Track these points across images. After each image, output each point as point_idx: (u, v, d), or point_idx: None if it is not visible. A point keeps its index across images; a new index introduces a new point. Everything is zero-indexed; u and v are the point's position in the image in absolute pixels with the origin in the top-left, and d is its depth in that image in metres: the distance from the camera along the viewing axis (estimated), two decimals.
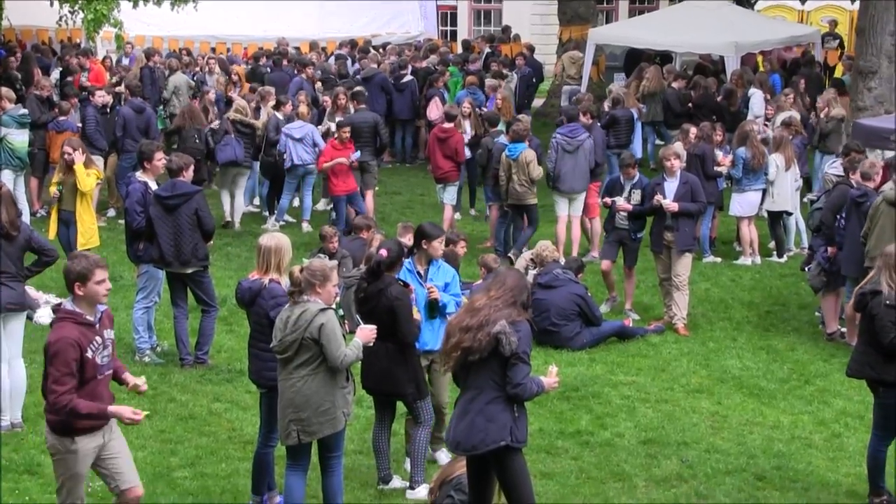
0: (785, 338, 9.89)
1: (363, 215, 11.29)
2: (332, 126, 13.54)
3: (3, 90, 12.63)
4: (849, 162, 10.00)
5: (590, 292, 9.83)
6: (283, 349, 5.89)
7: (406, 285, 6.67)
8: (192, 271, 8.67)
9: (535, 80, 19.10)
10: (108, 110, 13.54)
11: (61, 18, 16.42)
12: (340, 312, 8.90)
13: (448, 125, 12.79)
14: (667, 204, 9.72)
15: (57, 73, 17.32)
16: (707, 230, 12.24)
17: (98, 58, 18.58)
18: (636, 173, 10.24)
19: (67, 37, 20.51)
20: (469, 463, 5.63)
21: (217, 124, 13.17)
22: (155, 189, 8.75)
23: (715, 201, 12.14)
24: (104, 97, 13.61)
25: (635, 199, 10.07)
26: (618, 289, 10.62)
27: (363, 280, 6.71)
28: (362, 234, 10.28)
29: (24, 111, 12.66)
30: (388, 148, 15.58)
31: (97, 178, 10.22)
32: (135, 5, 16.76)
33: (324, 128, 13.66)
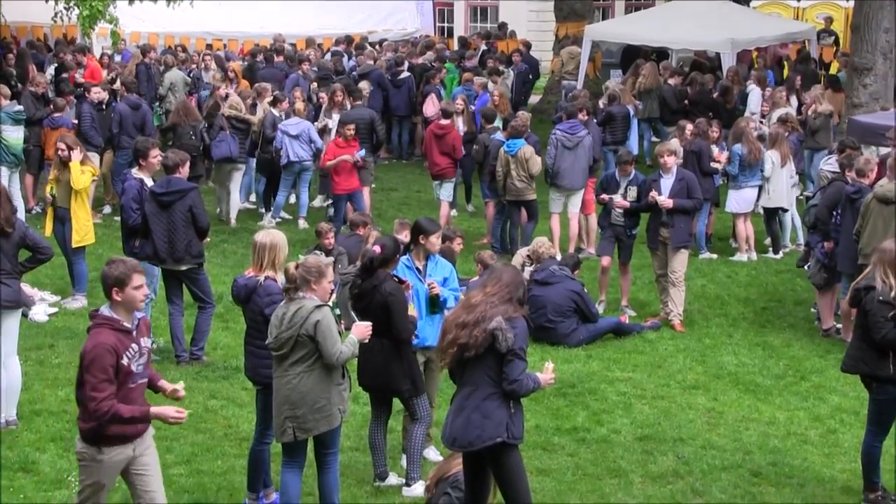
0: (781, 334, 9.90)
1: (360, 212, 11.27)
2: (330, 123, 13.54)
3: None
4: (844, 158, 10.01)
5: (586, 289, 9.83)
6: (278, 346, 5.88)
7: (401, 281, 6.67)
8: (186, 268, 8.66)
9: (531, 77, 19.11)
10: (103, 107, 13.52)
11: (56, 15, 16.38)
12: (337, 311, 8.94)
13: (445, 122, 12.78)
14: (662, 200, 9.72)
15: (52, 70, 17.28)
16: (703, 227, 12.26)
17: (95, 55, 18.56)
18: (632, 170, 10.25)
19: (63, 33, 20.45)
20: (465, 459, 5.63)
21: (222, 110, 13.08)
22: (150, 185, 8.74)
23: (711, 198, 12.16)
24: (100, 94, 13.59)
25: (631, 195, 10.08)
26: (613, 285, 10.62)
27: (357, 276, 6.71)
28: (359, 231, 10.27)
29: (20, 108, 12.63)
30: (384, 144, 15.57)
31: (92, 175, 10.21)
32: (130, 2, 16.71)
33: (320, 124, 13.66)
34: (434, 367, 6.93)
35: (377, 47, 19.90)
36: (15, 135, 12.37)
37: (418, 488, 6.55)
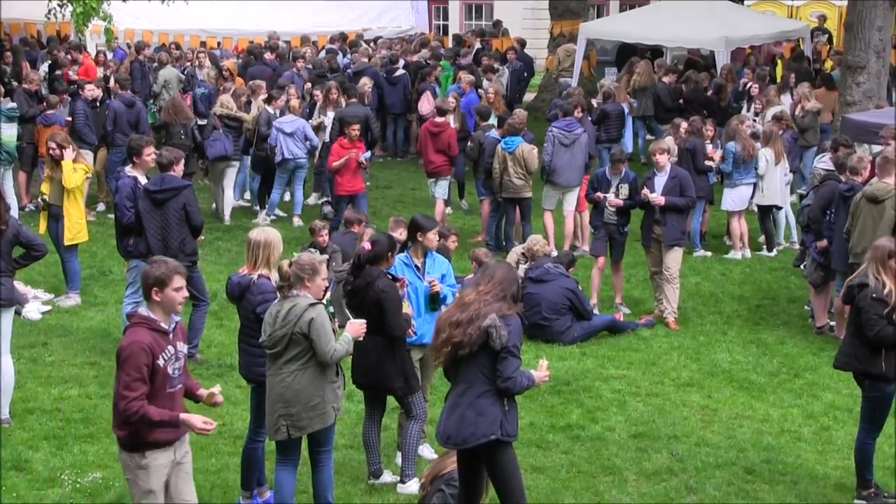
0: (775, 331, 9.92)
1: (355, 209, 11.25)
2: (325, 120, 13.52)
3: None
4: (838, 157, 10.03)
5: (581, 286, 9.84)
6: (272, 344, 5.87)
7: (396, 279, 6.66)
8: None
9: (526, 75, 19.10)
10: (97, 104, 13.49)
11: (50, 12, 16.32)
12: (331, 309, 8.93)
13: (440, 119, 12.78)
14: (653, 198, 9.75)
15: (45, 67, 17.23)
16: (698, 224, 12.27)
17: (90, 52, 18.51)
18: (623, 168, 10.26)
19: (56, 30, 20.38)
20: (459, 457, 5.62)
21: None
22: (144, 183, 8.72)
23: (705, 195, 12.17)
24: (94, 91, 13.54)
25: (623, 193, 10.09)
26: (606, 283, 10.63)
27: (350, 274, 6.70)
28: (353, 229, 10.26)
29: (13, 105, 12.60)
30: (379, 142, 15.56)
31: (85, 173, 10.18)
32: None
33: (315, 122, 13.64)
34: (429, 365, 6.92)
35: (372, 45, 19.88)
36: (8, 132, 12.34)
37: (413, 485, 6.55)
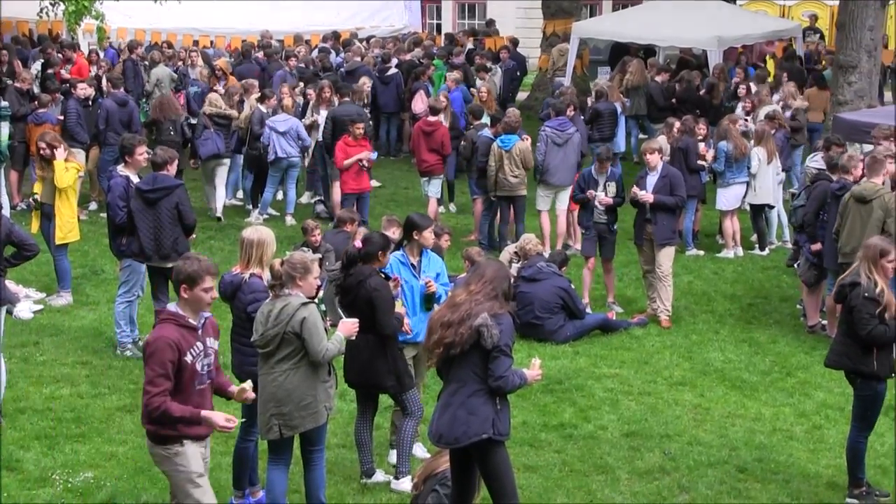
0: (767, 330, 9.94)
1: (347, 209, 11.24)
2: (319, 119, 13.50)
3: None
4: (830, 156, 10.05)
5: (573, 285, 9.85)
6: (264, 343, 5.86)
7: (388, 278, 6.66)
8: (172, 265, 8.59)
9: (518, 74, 19.11)
10: (90, 103, 13.45)
11: (42, 10, 16.27)
12: (322, 308, 8.92)
13: (433, 118, 12.77)
14: (643, 195, 9.77)
15: (38, 65, 17.18)
16: (690, 223, 12.29)
17: (83, 51, 18.45)
18: (609, 167, 10.28)
19: (48, 29, 20.32)
20: (452, 456, 5.62)
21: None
22: (136, 182, 8.70)
23: (698, 195, 12.19)
24: (86, 90, 13.51)
25: (611, 192, 10.11)
26: (598, 282, 10.64)
27: (340, 272, 6.70)
28: (346, 228, 10.25)
29: (4, 104, 12.56)
30: (372, 141, 15.53)
31: (77, 172, 10.15)
32: None
33: (308, 121, 13.63)
34: (422, 363, 6.92)
35: (365, 44, 19.86)
36: (0, 131, 12.30)
37: (406, 483, 6.54)
